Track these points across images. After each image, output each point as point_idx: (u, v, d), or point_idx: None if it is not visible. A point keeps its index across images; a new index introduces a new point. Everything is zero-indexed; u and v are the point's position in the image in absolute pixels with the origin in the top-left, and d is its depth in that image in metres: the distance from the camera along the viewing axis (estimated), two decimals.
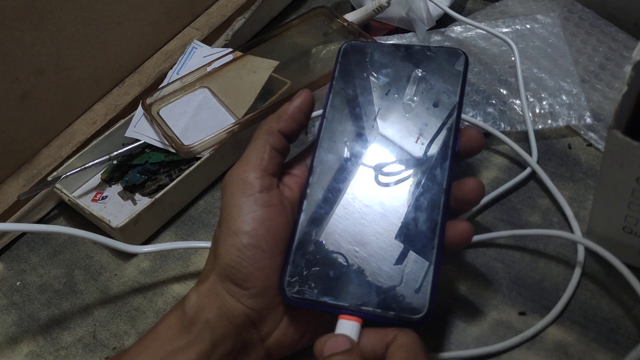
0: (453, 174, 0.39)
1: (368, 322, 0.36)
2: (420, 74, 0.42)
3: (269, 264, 0.37)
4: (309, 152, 0.42)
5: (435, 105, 0.41)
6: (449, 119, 0.40)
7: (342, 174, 0.40)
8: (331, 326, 0.36)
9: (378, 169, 0.40)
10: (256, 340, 0.38)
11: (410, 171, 0.39)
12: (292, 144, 0.42)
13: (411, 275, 0.36)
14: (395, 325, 0.35)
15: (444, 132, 0.40)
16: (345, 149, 0.40)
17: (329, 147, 0.40)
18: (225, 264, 0.37)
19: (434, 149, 0.39)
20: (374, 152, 0.40)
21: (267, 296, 0.37)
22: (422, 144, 0.40)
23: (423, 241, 0.37)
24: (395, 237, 0.37)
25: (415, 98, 0.41)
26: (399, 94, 0.42)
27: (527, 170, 0.50)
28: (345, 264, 0.37)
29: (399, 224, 0.38)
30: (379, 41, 0.57)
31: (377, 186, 0.39)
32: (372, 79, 0.42)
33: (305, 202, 0.39)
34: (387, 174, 0.39)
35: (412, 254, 0.37)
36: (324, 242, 0.38)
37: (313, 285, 0.36)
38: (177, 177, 0.51)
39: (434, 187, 0.38)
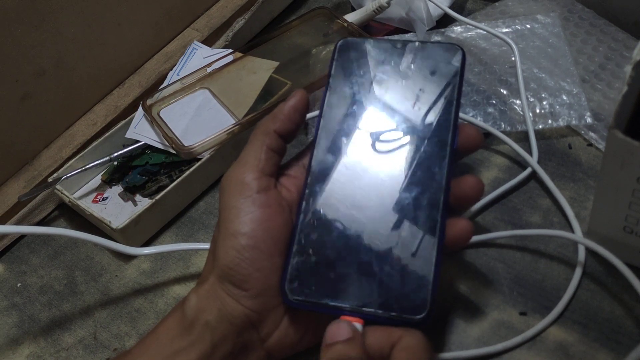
0: (452, 172, 0.38)
1: (370, 322, 0.36)
2: (417, 70, 0.41)
3: (268, 265, 0.37)
4: (306, 153, 0.41)
5: (433, 100, 0.40)
6: (446, 115, 0.40)
7: (340, 171, 0.39)
8: None
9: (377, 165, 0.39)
10: (256, 341, 0.38)
11: (410, 168, 0.39)
12: (291, 145, 0.42)
13: (412, 275, 0.36)
14: (397, 325, 0.35)
15: (442, 129, 0.39)
16: (343, 147, 0.40)
17: (327, 145, 0.40)
18: (224, 265, 0.37)
19: (432, 146, 0.39)
20: (373, 150, 0.40)
21: (266, 297, 0.37)
22: (421, 140, 0.39)
23: (422, 240, 0.37)
24: (393, 230, 0.37)
25: (412, 93, 0.41)
26: (396, 90, 0.41)
27: (528, 170, 0.50)
28: (345, 262, 0.37)
29: (400, 221, 0.37)
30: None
31: (377, 184, 0.39)
32: (369, 74, 0.42)
33: (304, 202, 0.39)
34: (386, 171, 0.39)
35: (411, 253, 0.36)
36: (324, 240, 0.37)
37: (314, 287, 0.36)
38: (177, 178, 0.51)
39: (433, 185, 0.38)
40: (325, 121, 0.41)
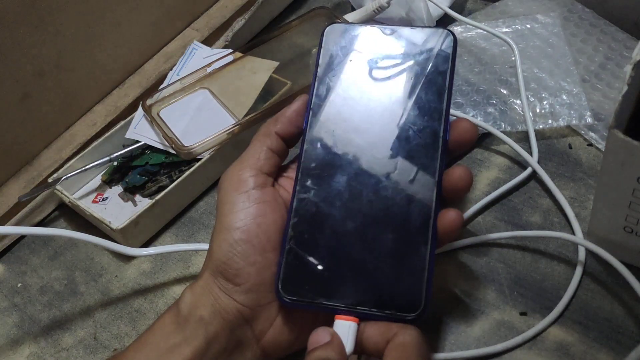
0: (444, 165, 0.37)
1: (365, 320, 0.35)
2: (407, 56, 0.40)
3: (261, 260, 0.37)
4: None
5: (423, 88, 0.39)
6: (438, 104, 0.38)
7: (331, 167, 0.38)
8: (328, 325, 0.35)
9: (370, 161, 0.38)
10: (251, 339, 0.38)
11: (401, 162, 0.38)
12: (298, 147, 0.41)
13: (406, 273, 0.36)
14: (392, 322, 0.35)
15: (433, 119, 0.38)
16: (334, 139, 0.39)
17: (317, 139, 0.39)
18: (217, 259, 0.37)
19: (423, 137, 0.38)
20: (363, 141, 0.39)
21: (258, 292, 0.37)
22: (412, 131, 0.38)
23: (415, 238, 0.36)
24: (386, 228, 0.37)
25: (402, 81, 0.39)
26: (385, 77, 0.40)
27: (528, 170, 0.50)
28: (339, 261, 0.36)
29: (392, 218, 0.37)
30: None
31: (367, 177, 0.38)
32: (357, 62, 0.40)
33: (295, 200, 0.38)
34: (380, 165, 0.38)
35: (405, 250, 0.36)
36: (317, 239, 0.37)
37: (307, 286, 0.36)
38: (177, 178, 0.51)
39: (424, 180, 0.37)
40: (315, 112, 0.40)
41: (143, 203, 0.53)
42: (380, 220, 0.37)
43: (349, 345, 0.35)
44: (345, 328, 0.35)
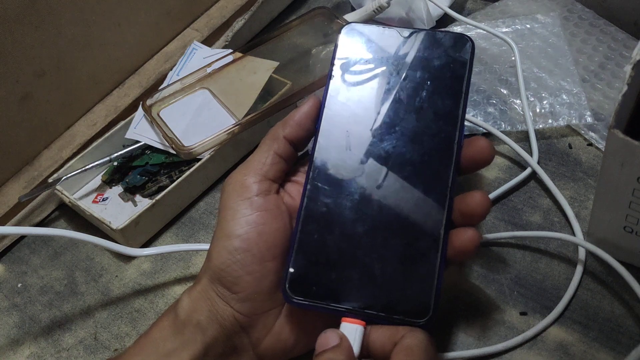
0: (458, 171, 0.38)
1: (372, 323, 0.35)
2: (424, 60, 0.40)
3: (259, 269, 0.37)
4: None
5: (440, 93, 0.39)
6: (453, 110, 0.38)
7: (343, 168, 0.38)
8: None
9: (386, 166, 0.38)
10: (247, 345, 0.38)
11: (414, 165, 0.38)
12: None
13: (416, 278, 0.35)
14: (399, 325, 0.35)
15: (448, 125, 0.38)
16: (347, 140, 0.39)
17: (330, 139, 0.39)
18: (216, 266, 0.37)
19: (437, 142, 0.38)
20: (377, 142, 0.38)
21: (256, 301, 0.37)
22: (426, 136, 0.38)
23: (427, 242, 0.36)
24: (397, 230, 0.36)
25: (418, 84, 0.39)
26: (401, 80, 0.40)
27: (528, 170, 0.50)
28: (348, 263, 0.36)
29: (404, 221, 0.36)
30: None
31: (382, 179, 0.38)
32: (374, 63, 0.40)
33: (305, 199, 0.38)
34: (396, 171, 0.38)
35: (415, 255, 0.36)
36: (326, 240, 0.37)
37: (315, 287, 0.36)
38: (177, 178, 0.51)
39: (438, 185, 0.37)
40: (328, 112, 0.39)
41: (143, 203, 0.53)
42: (391, 224, 0.37)
43: (355, 349, 0.34)
44: (351, 331, 0.35)
